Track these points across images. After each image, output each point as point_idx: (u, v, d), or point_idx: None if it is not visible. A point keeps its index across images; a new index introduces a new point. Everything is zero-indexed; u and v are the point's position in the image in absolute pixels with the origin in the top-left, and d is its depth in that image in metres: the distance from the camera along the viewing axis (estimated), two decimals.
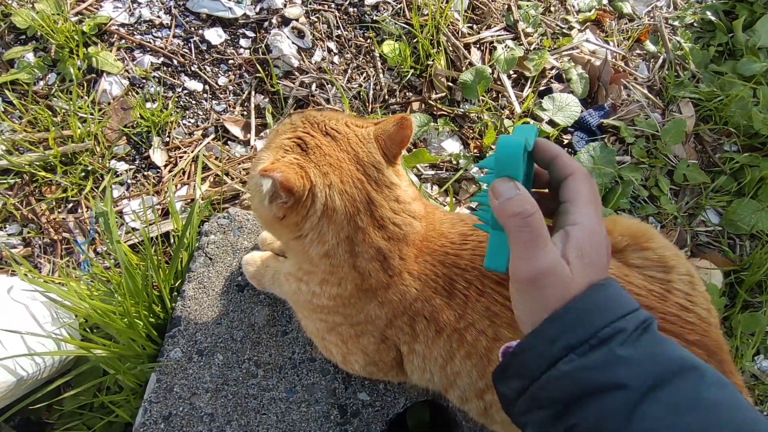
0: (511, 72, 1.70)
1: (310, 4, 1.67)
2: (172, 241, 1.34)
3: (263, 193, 0.75)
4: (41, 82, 1.48)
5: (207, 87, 1.55)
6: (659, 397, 0.51)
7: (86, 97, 1.48)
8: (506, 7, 1.80)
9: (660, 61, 1.82)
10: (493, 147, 1.55)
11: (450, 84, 1.64)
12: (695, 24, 1.93)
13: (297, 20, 1.64)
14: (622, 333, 0.53)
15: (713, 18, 1.91)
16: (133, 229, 1.36)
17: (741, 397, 0.54)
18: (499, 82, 1.66)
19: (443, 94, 1.62)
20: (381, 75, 1.61)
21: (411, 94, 1.63)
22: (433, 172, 1.51)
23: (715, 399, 0.52)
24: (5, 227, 1.35)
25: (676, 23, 1.92)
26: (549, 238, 0.57)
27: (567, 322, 0.55)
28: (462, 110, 1.61)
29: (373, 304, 0.84)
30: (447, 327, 0.83)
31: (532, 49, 1.74)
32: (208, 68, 1.57)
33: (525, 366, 0.56)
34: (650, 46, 1.85)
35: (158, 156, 1.45)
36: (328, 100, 1.56)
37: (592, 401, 0.52)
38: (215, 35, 1.59)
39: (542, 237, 0.56)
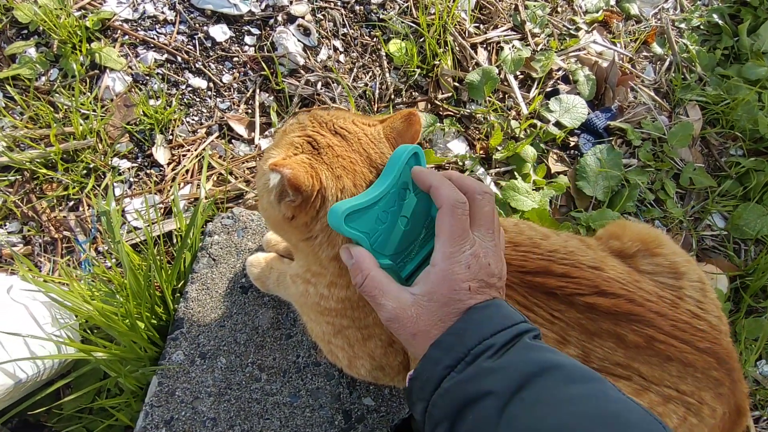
0: (518, 73, 1.68)
1: (316, 1, 1.66)
2: (174, 241, 1.33)
3: (270, 188, 0.73)
4: (43, 78, 1.46)
5: (211, 84, 1.53)
6: (522, 397, 0.55)
7: (89, 94, 1.46)
8: (513, 7, 1.78)
9: (667, 63, 1.81)
10: (499, 148, 1.54)
11: (456, 84, 1.62)
12: (702, 27, 1.92)
13: (303, 18, 1.62)
14: (491, 348, 0.60)
15: (719, 21, 1.89)
16: (135, 229, 1.34)
17: (609, 390, 0.58)
18: (505, 83, 1.65)
19: (449, 95, 1.61)
20: (387, 74, 1.60)
21: (417, 93, 1.61)
22: None
23: (576, 393, 0.56)
24: (5, 225, 1.33)
25: (682, 25, 1.90)
26: (388, 290, 0.65)
27: (447, 345, 0.61)
28: (468, 111, 1.59)
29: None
30: None
31: (539, 49, 1.73)
32: (212, 65, 1.55)
33: (421, 390, 0.62)
34: (657, 49, 1.84)
35: (161, 154, 1.43)
36: (333, 99, 1.54)
37: (468, 411, 0.57)
38: (220, 32, 1.57)
39: (378, 295, 0.65)
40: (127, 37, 1.53)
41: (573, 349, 0.80)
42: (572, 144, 1.61)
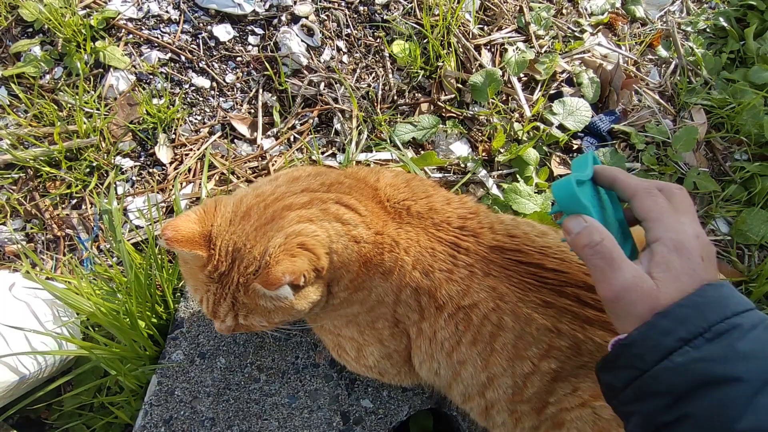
0: (522, 75, 1.68)
1: (320, 1, 1.66)
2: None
3: (284, 295, 0.79)
4: (47, 76, 1.47)
5: (214, 84, 1.54)
6: None
7: (92, 92, 1.46)
8: (518, 8, 1.78)
9: (672, 66, 1.80)
10: (501, 150, 1.53)
11: (460, 86, 1.62)
12: (708, 30, 1.90)
13: (307, 18, 1.62)
14: (738, 328, 0.56)
15: (725, 25, 1.88)
16: (137, 227, 1.34)
17: None
18: (509, 85, 1.64)
19: (452, 96, 1.60)
20: (390, 75, 1.60)
21: (420, 95, 1.61)
22: (440, 175, 1.49)
23: None
24: (9, 222, 1.34)
25: (688, 28, 1.89)
26: (624, 259, 0.61)
27: (680, 316, 0.57)
28: (471, 113, 1.59)
29: (378, 278, 0.84)
30: (448, 303, 0.83)
31: (543, 52, 1.72)
32: (215, 65, 1.55)
33: (637, 357, 0.58)
34: (662, 52, 1.83)
35: (164, 153, 1.43)
36: (336, 100, 1.54)
37: (707, 392, 0.54)
38: (224, 32, 1.57)
39: (615, 260, 0.61)
40: (131, 36, 1.54)
41: (565, 341, 0.80)
42: (575, 147, 1.60)
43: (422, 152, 1.51)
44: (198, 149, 1.45)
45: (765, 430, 0.51)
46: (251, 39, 1.59)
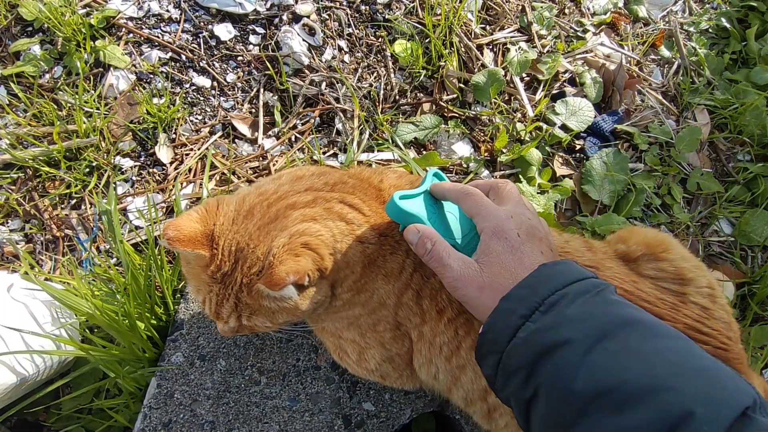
0: (524, 74, 1.67)
1: (321, 1, 1.64)
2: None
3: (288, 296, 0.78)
4: (47, 75, 1.46)
5: (215, 83, 1.53)
6: (606, 346, 0.56)
7: (92, 92, 1.45)
8: (520, 8, 1.77)
9: (675, 66, 1.79)
10: (504, 150, 1.52)
11: (462, 86, 1.61)
12: (710, 30, 1.90)
13: (308, 17, 1.61)
14: (566, 297, 0.61)
15: (727, 25, 1.87)
16: (137, 228, 1.33)
17: (696, 348, 0.58)
18: (511, 85, 1.63)
19: (455, 96, 1.59)
20: (392, 75, 1.59)
21: (422, 95, 1.60)
22: None
23: (662, 346, 0.57)
24: (7, 223, 1.33)
25: (691, 28, 1.88)
26: (451, 256, 0.71)
27: (519, 296, 0.64)
28: (474, 113, 1.58)
29: (380, 280, 0.84)
30: (448, 308, 0.82)
31: (545, 51, 1.71)
32: (216, 64, 1.54)
33: (493, 342, 0.64)
34: (665, 51, 1.82)
35: (164, 153, 1.42)
36: (338, 99, 1.53)
37: (546, 359, 0.58)
38: (225, 31, 1.56)
39: (443, 259, 0.71)
40: (131, 35, 1.53)
41: None
42: (578, 147, 1.59)
43: (424, 152, 1.50)
44: (198, 149, 1.44)
45: (600, 386, 0.54)
46: (252, 38, 1.58)
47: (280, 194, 0.83)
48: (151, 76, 1.50)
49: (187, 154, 1.44)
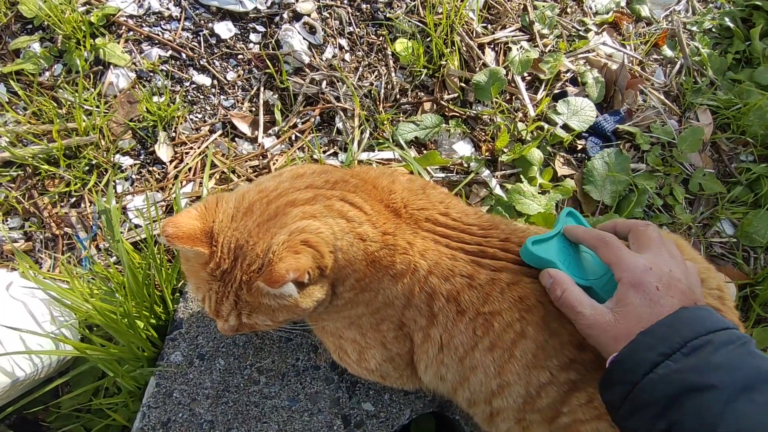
0: (526, 74, 1.66)
1: None
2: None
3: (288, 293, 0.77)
4: (47, 73, 1.46)
5: (215, 82, 1.52)
6: (752, 398, 0.59)
7: (92, 90, 1.45)
8: (522, 7, 1.76)
9: (677, 66, 1.78)
10: (505, 150, 1.52)
11: (463, 85, 1.60)
12: (713, 30, 1.89)
13: (309, 15, 1.60)
14: (710, 344, 0.63)
15: (731, 25, 1.86)
16: (136, 226, 1.33)
17: None
18: (513, 84, 1.62)
19: (456, 95, 1.59)
20: (393, 74, 1.58)
21: (423, 94, 1.60)
22: (443, 175, 1.47)
23: None
24: (7, 221, 1.32)
25: (694, 28, 1.87)
26: (583, 303, 0.73)
27: (659, 334, 0.66)
28: (474, 112, 1.57)
29: (387, 280, 0.83)
30: (470, 309, 0.82)
31: (547, 51, 1.70)
32: (216, 62, 1.54)
33: (628, 372, 0.66)
34: (668, 51, 1.81)
35: (164, 151, 1.42)
36: (338, 98, 1.53)
37: (688, 399, 0.60)
38: (225, 29, 1.56)
39: (575, 307, 0.73)
40: (131, 33, 1.52)
41: (589, 355, 0.80)
42: (580, 147, 1.59)
43: (425, 152, 1.49)
44: (198, 148, 1.44)
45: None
46: (253, 36, 1.58)
47: (280, 191, 0.83)
48: (151, 74, 1.49)
49: (186, 153, 1.43)
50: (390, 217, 0.85)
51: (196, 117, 1.48)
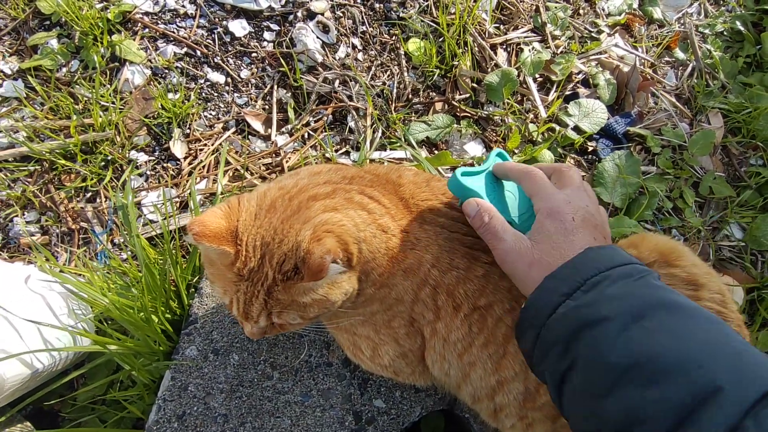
0: (538, 75, 1.67)
1: None
2: (186, 242, 1.33)
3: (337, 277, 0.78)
4: (64, 69, 1.47)
5: (229, 79, 1.54)
6: (644, 325, 0.60)
7: (108, 86, 1.46)
8: (534, 8, 1.77)
9: (689, 69, 1.78)
10: (516, 151, 1.53)
11: (474, 85, 1.61)
12: (725, 33, 1.89)
13: (322, 14, 1.61)
14: (608, 278, 0.65)
15: (742, 28, 1.86)
16: (151, 222, 1.35)
17: (731, 332, 0.61)
18: (524, 85, 1.63)
19: (467, 96, 1.60)
20: (405, 73, 1.59)
21: (435, 94, 1.60)
22: None
23: (698, 328, 0.60)
24: (24, 215, 1.34)
25: (706, 31, 1.87)
26: (507, 230, 0.75)
27: (563, 275, 0.67)
28: (486, 112, 1.58)
29: (399, 275, 0.84)
30: (465, 303, 0.82)
31: (559, 52, 1.71)
32: (231, 60, 1.55)
33: (534, 317, 0.68)
34: (680, 54, 1.81)
35: (178, 148, 1.43)
36: (350, 97, 1.54)
37: (585, 333, 0.62)
38: (239, 27, 1.57)
39: (498, 232, 0.75)
40: (147, 30, 1.54)
41: None
42: (590, 149, 1.59)
43: (436, 152, 1.51)
44: (212, 145, 1.45)
45: (634, 359, 0.58)
46: (267, 35, 1.59)
47: (300, 187, 0.84)
48: (166, 71, 1.51)
49: (201, 150, 1.45)
50: (404, 211, 0.86)
51: (210, 114, 1.50)
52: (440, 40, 1.64)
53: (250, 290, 0.78)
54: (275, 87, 1.54)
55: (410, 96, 1.58)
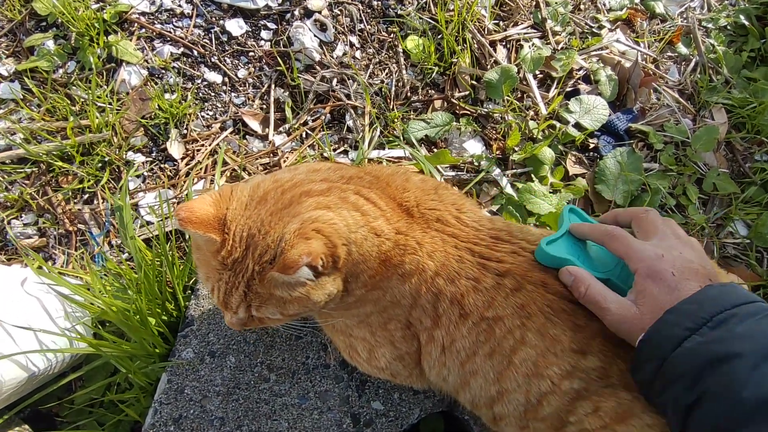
0: (538, 72, 1.65)
1: None
2: (187, 237, 1.32)
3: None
4: (60, 70, 1.47)
5: (226, 79, 1.53)
6: None
7: (105, 87, 1.46)
8: (534, 4, 1.75)
9: (692, 64, 1.76)
10: (516, 149, 1.51)
11: (474, 83, 1.59)
12: (729, 27, 1.86)
13: (320, 13, 1.60)
14: (735, 316, 0.65)
15: (746, 22, 1.83)
16: (148, 223, 1.34)
17: None
18: (524, 82, 1.61)
19: (467, 93, 1.58)
20: (404, 71, 1.57)
21: (433, 91, 1.59)
22: (453, 174, 1.47)
23: None
24: (21, 216, 1.34)
25: (709, 25, 1.85)
26: (608, 298, 0.75)
27: (685, 311, 0.68)
28: (486, 110, 1.56)
29: (395, 279, 0.83)
30: (474, 313, 0.81)
31: (559, 48, 1.69)
32: (228, 60, 1.54)
33: (656, 348, 0.68)
34: (682, 49, 1.79)
35: (175, 148, 1.43)
36: (349, 96, 1.52)
37: (715, 369, 0.62)
38: (236, 26, 1.56)
39: (600, 302, 0.75)
40: (143, 30, 1.53)
41: (592, 362, 0.79)
42: (592, 146, 1.57)
43: (435, 150, 1.49)
44: (210, 145, 1.45)
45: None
46: (264, 34, 1.58)
47: (295, 181, 0.83)
48: (163, 71, 1.50)
49: (198, 150, 1.44)
50: (402, 215, 0.85)
51: (208, 114, 1.49)
52: (439, 37, 1.62)
53: (232, 280, 0.77)
54: (272, 86, 1.53)
55: (409, 94, 1.56)
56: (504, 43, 1.67)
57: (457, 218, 0.86)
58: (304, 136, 1.49)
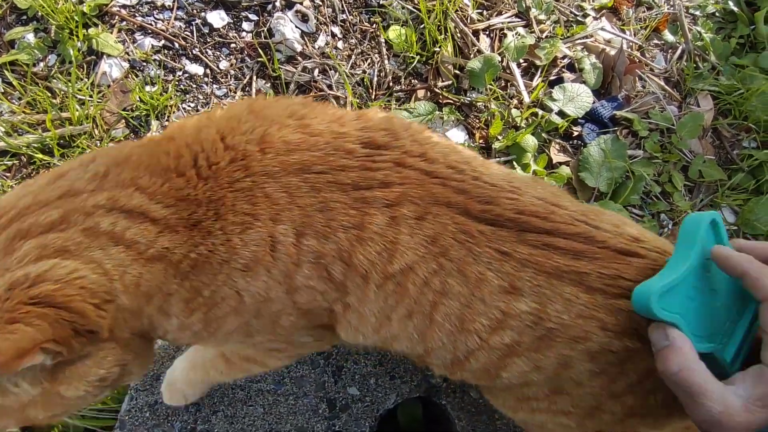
0: (521, 60, 1.64)
1: None
2: None
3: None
4: (41, 64, 1.47)
5: (208, 71, 1.52)
6: None
7: (86, 80, 1.46)
8: None
9: (679, 51, 1.75)
10: (499, 138, 1.50)
11: (457, 72, 1.59)
12: (717, 14, 1.85)
13: (301, 3, 1.60)
14: None
15: (735, 8, 1.83)
16: None
17: None
18: (508, 71, 1.61)
19: (450, 82, 1.57)
20: (386, 61, 1.57)
21: (416, 81, 1.58)
22: None
23: None
24: None
25: (697, 12, 1.84)
26: (708, 388, 0.53)
27: None
28: (469, 99, 1.56)
29: (237, 276, 0.61)
30: (372, 272, 0.62)
31: (543, 37, 1.68)
32: (209, 52, 1.54)
33: None
34: (669, 36, 1.78)
35: None
36: (330, 86, 1.52)
37: None
38: (218, 18, 1.56)
39: (695, 393, 0.53)
40: (124, 22, 1.53)
41: (524, 304, 0.62)
42: (576, 134, 1.57)
43: None
44: None
45: None
46: (245, 25, 1.57)
47: (11, 215, 0.56)
48: (144, 63, 1.50)
49: None
50: (199, 184, 0.60)
51: (189, 106, 1.49)
52: (421, 26, 1.61)
53: None
54: (254, 77, 1.53)
55: (391, 84, 1.56)
56: (487, 33, 1.67)
57: (300, 128, 0.63)
58: None
